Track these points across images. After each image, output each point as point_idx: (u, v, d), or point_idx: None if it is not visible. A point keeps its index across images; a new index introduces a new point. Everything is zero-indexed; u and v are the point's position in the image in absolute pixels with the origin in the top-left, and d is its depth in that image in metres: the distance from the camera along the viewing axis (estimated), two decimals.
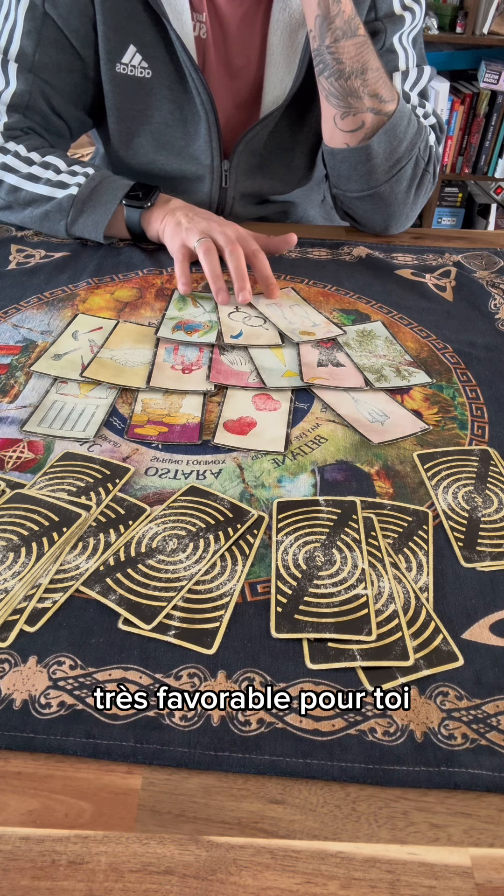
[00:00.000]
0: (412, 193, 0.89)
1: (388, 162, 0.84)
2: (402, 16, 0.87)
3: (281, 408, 0.62)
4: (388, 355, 0.70)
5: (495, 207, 2.84)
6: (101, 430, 0.59)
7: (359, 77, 0.79)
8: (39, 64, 0.85)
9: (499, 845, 0.35)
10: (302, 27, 0.85)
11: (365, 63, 0.79)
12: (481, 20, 2.38)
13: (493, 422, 0.62)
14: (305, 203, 1.07)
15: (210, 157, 0.91)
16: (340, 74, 0.80)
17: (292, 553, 0.48)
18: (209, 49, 0.88)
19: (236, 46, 0.89)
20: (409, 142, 0.84)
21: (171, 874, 0.33)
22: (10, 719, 0.38)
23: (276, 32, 0.86)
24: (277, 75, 0.88)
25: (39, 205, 0.85)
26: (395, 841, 0.35)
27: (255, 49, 0.89)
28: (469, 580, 0.47)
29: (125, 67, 0.86)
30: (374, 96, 0.80)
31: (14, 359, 0.67)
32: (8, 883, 0.32)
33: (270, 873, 0.33)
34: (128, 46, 0.85)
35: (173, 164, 0.93)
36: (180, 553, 0.48)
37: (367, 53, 0.80)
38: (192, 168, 0.93)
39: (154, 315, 0.75)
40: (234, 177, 0.94)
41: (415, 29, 0.89)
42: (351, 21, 0.78)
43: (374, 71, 0.80)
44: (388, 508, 0.52)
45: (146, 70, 0.86)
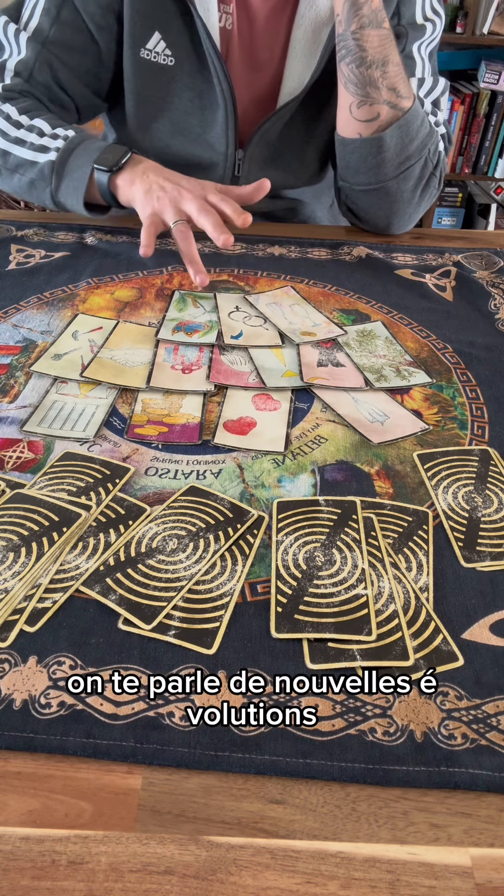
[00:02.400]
0: (418, 193, 0.89)
1: (399, 157, 0.84)
2: (424, 25, 0.88)
3: (281, 408, 0.62)
4: (388, 355, 0.70)
5: (495, 207, 2.84)
6: (101, 430, 0.59)
7: (379, 68, 0.80)
8: (52, 39, 0.87)
9: (499, 845, 0.35)
10: (326, 25, 0.85)
11: (386, 55, 0.80)
12: (481, 20, 2.38)
13: (493, 422, 0.62)
14: (315, 203, 1.07)
15: (225, 146, 0.92)
16: (362, 62, 0.80)
17: (292, 553, 0.48)
18: (234, 40, 0.89)
19: (261, 40, 0.90)
20: (420, 141, 0.84)
21: (171, 874, 0.33)
22: (10, 719, 0.38)
23: (301, 27, 0.87)
24: (297, 69, 0.89)
25: (25, 171, 0.85)
26: (395, 841, 0.35)
27: (279, 43, 0.90)
28: (469, 580, 0.47)
29: (149, 53, 0.87)
30: (392, 90, 0.81)
31: (14, 359, 0.67)
32: (8, 883, 0.32)
33: (270, 873, 0.33)
34: (153, 33, 0.86)
35: (188, 150, 0.94)
36: (180, 553, 0.48)
37: (390, 47, 0.80)
38: (207, 155, 0.94)
39: (154, 315, 0.75)
40: (248, 167, 0.95)
41: (433, 42, 0.91)
42: (378, 12, 0.79)
43: (395, 65, 0.81)
44: (388, 508, 0.52)
45: (169, 57, 0.87)
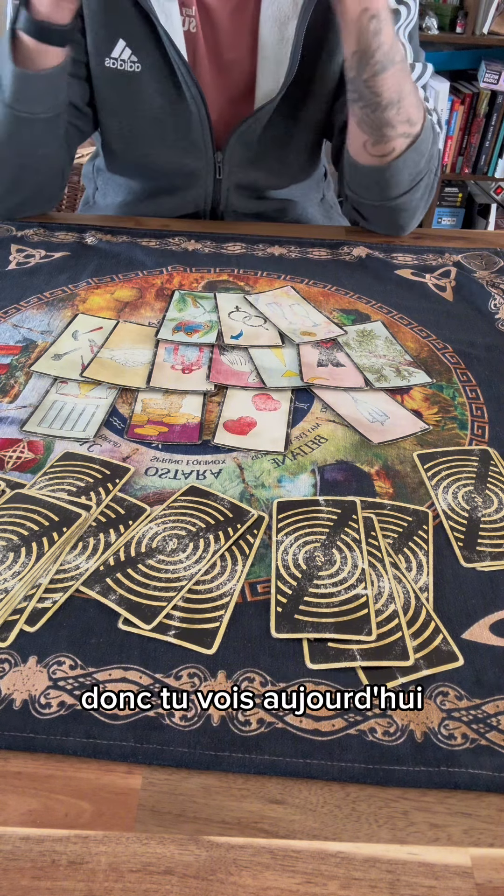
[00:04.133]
0: (424, 200, 0.90)
1: (410, 176, 0.85)
2: (398, 10, 0.86)
3: (281, 408, 0.62)
4: (388, 355, 0.70)
5: (495, 207, 2.84)
6: (101, 430, 0.59)
7: (395, 106, 0.77)
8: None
9: (499, 845, 0.35)
10: (291, 19, 0.84)
11: (401, 90, 0.77)
12: (481, 20, 2.37)
13: (493, 422, 0.62)
14: (304, 201, 1.07)
15: (203, 150, 0.92)
16: (377, 107, 0.77)
17: (292, 553, 0.48)
18: (199, 43, 0.88)
19: (226, 40, 0.89)
20: (428, 154, 0.85)
21: (171, 874, 0.33)
22: (10, 719, 0.38)
23: (267, 25, 0.85)
24: (269, 69, 0.88)
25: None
26: (395, 841, 0.35)
27: (245, 43, 0.88)
28: (469, 580, 0.47)
29: (115, 62, 0.87)
30: (405, 122, 0.79)
31: (14, 359, 0.67)
32: (8, 883, 0.32)
33: (270, 873, 0.33)
34: (117, 41, 0.85)
35: (168, 158, 0.93)
36: (180, 553, 0.48)
37: (405, 78, 0.77)
38: (187, 161, 0.93)
39: (154, 315, 0.75)
40: (228, 168, 0.94)
41: (410, 24, 0.89)
42: (392, 50, 0.75)
43: (409, 94, 0.78)
44: (388, 508, 0.52)
45: (136, 64, 0.86)
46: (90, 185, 1.12)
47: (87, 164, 1.13)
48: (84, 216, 1.01)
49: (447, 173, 2.68)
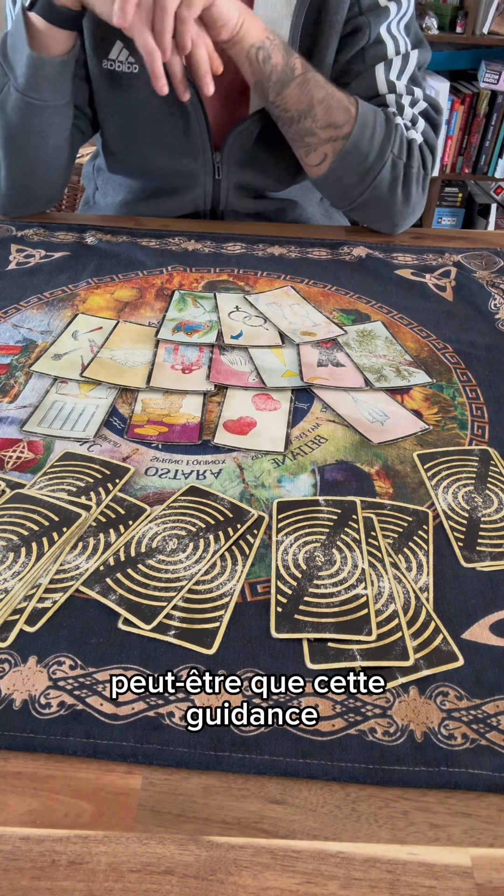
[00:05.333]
0: (399, 191, 0.89)
1: (358, 177, 0.86)
2: (387, 6, 0.87)
3: (281, 408, 0.62)
4: (388, 355, 0.70)
5: (495, 207, 2.84)
6: (101, 430, 0.59)
7: (307, 117, 0.83)
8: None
9: (499, 845, 0.35)
10: (284, 20, 0.85)
11: (310, 100, 0.82)
12: (481, 20, 2.37)
13: (493, 422, 0.62)
14: (304, 201, 1.07)
15: (201, 150, 0.92)
16: (291, 121, 0.84)
17: (292, 553, 0.48)
18: None
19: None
20: (377, 151, 0.85)
21: (171, 874, 0.33)
22: (10, 719, 0.38)
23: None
24: None
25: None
26: (395, 841, 0.35)
27: None
28: (469, 580, 0.47)
29: (112, 63, 0.88)
30: (327, 127, 0.83)
31: (14, 359, 0.67)
32: (8, 883, 0.32)
33: (270, 873, 0.33)
34: (114, 42, 0.87)
35: (166, 159, 0.94)
36: (180, 553, 0.48)
37: (310, 88, 0.81)
38: (185, 162, 0.94)
39: (154, 315, 0.75)
40: (227, 168, 0.95)
41: (406, 16, 0.89)
42: (285, 69, 0.80)
43: (321, 103, 0.82)
44: (388, 508, 0.52)
45: (133, 65, 0.87)
46: (90, 185, 1.12)
47: (87, 164, 1.13)
48: (84, 216, 1.01)
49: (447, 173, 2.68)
